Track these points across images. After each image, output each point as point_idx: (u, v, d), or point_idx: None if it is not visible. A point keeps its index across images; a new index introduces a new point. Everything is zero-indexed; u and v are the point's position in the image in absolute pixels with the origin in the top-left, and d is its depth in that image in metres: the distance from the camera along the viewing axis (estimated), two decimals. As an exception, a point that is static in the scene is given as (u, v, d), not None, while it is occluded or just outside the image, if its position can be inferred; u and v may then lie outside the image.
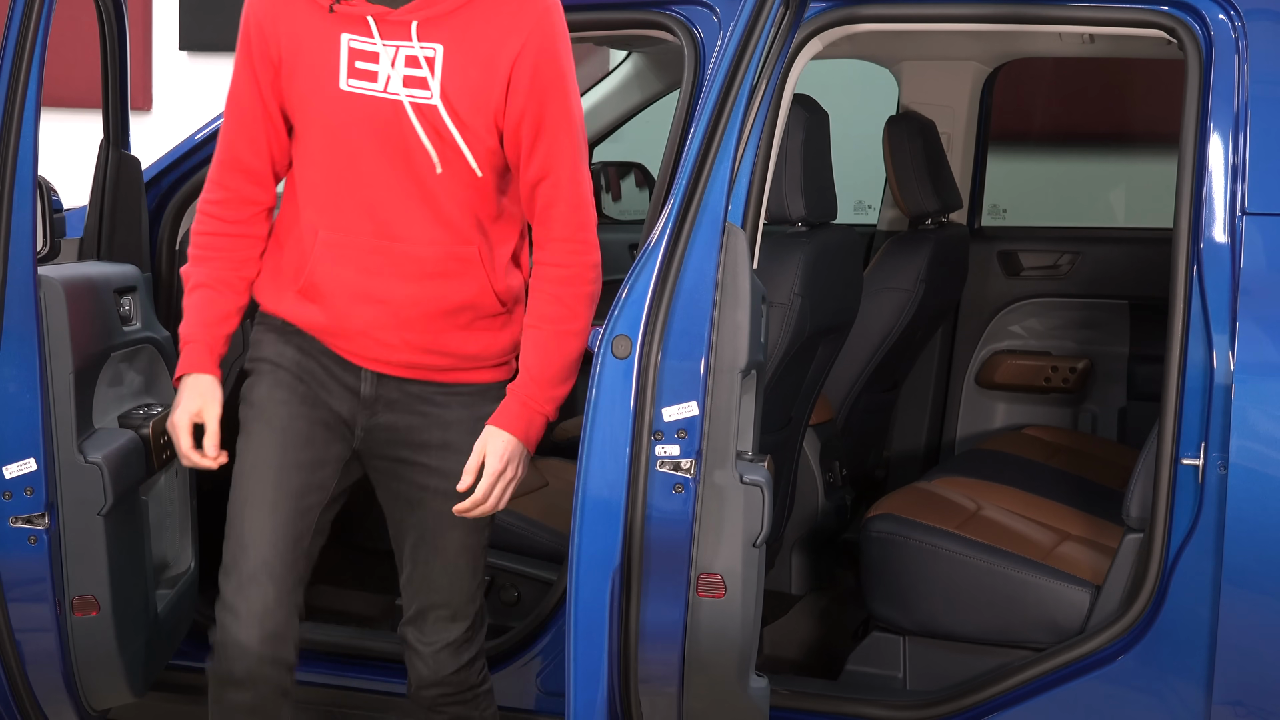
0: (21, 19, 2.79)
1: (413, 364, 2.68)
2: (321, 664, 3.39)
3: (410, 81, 2.56)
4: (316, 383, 2.71)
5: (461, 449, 2.65)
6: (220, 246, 2.74)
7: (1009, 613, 3.12)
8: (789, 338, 3.34)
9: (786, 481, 3.61)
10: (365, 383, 2.70)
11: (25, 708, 2.94)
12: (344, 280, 2.64)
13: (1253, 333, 2.75)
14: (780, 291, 3.31)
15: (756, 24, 2.62)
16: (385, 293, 2.63)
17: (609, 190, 5.32)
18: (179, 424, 2.68)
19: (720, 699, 2.70)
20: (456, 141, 2.57)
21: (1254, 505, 2.73)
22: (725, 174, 2.59)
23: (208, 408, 2.68)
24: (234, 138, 2.71)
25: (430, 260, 2.62)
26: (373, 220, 2.61)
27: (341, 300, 2.65)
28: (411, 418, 2.71)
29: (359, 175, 2.60)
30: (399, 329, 2.65)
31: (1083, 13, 2.95)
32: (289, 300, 2.70)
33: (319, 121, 2.61)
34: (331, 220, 2.63)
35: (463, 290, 2.65)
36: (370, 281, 2.63)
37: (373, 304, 2.64)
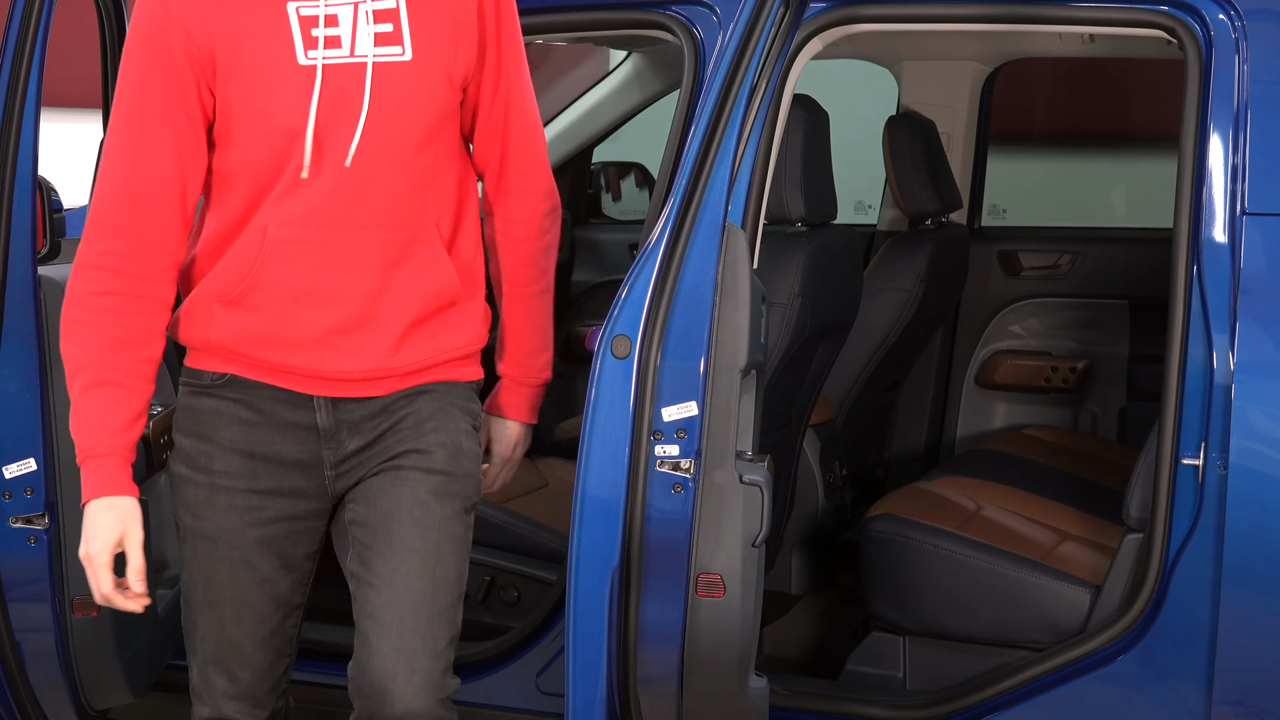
0: (21, 19, 2.80)
1: (372, 373, 2.36)
2: (321, 664, 3.39)
3: (381, 39, 2.28)
4: (264, 441, 2.37)
5: (440, 428, 2.41)
6: (120, 312, 2.28)
7: (1009, 613, 3.12)
8: (789, 338, 3.34)
9: (786, 481, 3.61)
10: (320, 412, 2.37)
11: (25, 707, 2.94)
12: (295, 281, 2.31)
13: (1253, 333, 2.75)
14: (780, 291, 3.31)
15: (756, 24, 2.62)
16: (342, 290, 2.32)
17: (609, 190, 5.32)
18: (98, 558, 2.26)
19: (720, 699, 2.70)
20: (427, 100, 2.32)
21: (1254, 505, 2.73)
22: (725, 174, 2.59)
23: (130, 535, 2.29)
24: (138, 171, 2.27)
25: (393, 245, 2.33)
26: (331, 207, 2.30)
27: (286, 305, 2.31)
28: (380, 428, 2.41)
29: (317, 157, 2.28)
30: (357, 331, 2.34)
31: (1083, 13, 2.95)
32: (219, 319, 2.33)
33: (274, 108, 2.26)
34: (284, 214, 2.29)
35: (426, 276, 2.36)
36: (326, 279, 2.31)
37: (328, 305, 2.32)
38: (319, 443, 2.38)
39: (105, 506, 2.27)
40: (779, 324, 3.31)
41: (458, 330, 2.43)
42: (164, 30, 2.26)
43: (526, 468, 3.92)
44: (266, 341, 2.33)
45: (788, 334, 3.33)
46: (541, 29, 3.23)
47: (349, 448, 2.40)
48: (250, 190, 2.31)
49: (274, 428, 2.37)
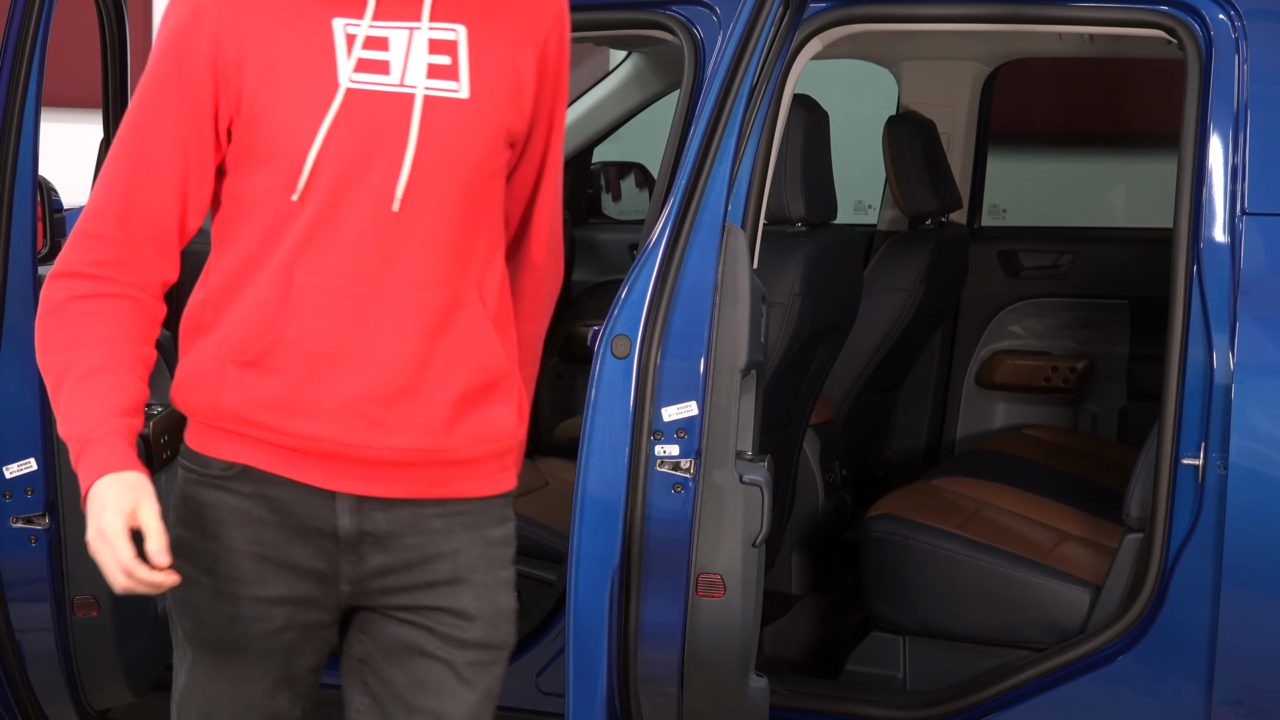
0: (21, 19, 2.80)
1: (410, 455, 2.03)
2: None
3: (436, 72, 2.01)
4: (278, 545, 2.04)
5: (478, 584, 2.10)
6: (114, 312, 2.00)
7: (1009, 612, 3.12)
8: (789, 337, 3.34)
9: (786, 481, 3.61)
10: (343, 514, 2.03)
11: (25, 707, 2.94)
12: (323, 339, 1.98)
13: (1253, 332, 2.75)
14: (780, 291, 3.31)
15: (756, 24, 2.62)
16: (378, 352, 1.99)
17: (609, 190, 5.32)
18: (111, 528, 1.89)
19: (720, 699, 2.70)
20: (482, 146, 2.04)
21: (1254, 505, 2.73)
22: (725, 174, 2.59)
23: (143, 506, 1.92)
24: (137, 184, 2.00)
25: (436, 307, 2.01)
26: (366, 254, 1.99)
27: (313, 366, 1.99)
28: (409, 552, 2.06)
29: (351, 195, 1.98)
30: (395, 403, 2.01)
31: (1083, 13, 2.95)
32: (232, 382, 2.01)
33: (307, 131, 1.97)
34: (313, 260, 1.98)
35: (469, 347, 2.05)
36: (359, 338, 1.99)
37: (360, 368, 1.99)
38: (338, 552, 2.04)
39: (113, 481, 1.91)
40: (779, 324, 3.31)
41: (499, 416, 2.09)
42: (191, 36, 1.99)
43: (527, 468, 3.92)
44: (287, 408, 2.00)
45: (787, 334, 3.33)
46: (541, 29, 3.23)
47: (371, 564, 2.05)
48: (268, 225, 2.00)
49: (290, 530, 2.03)
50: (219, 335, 2.02)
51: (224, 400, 2.02)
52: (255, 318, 1.99)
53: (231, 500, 2.04)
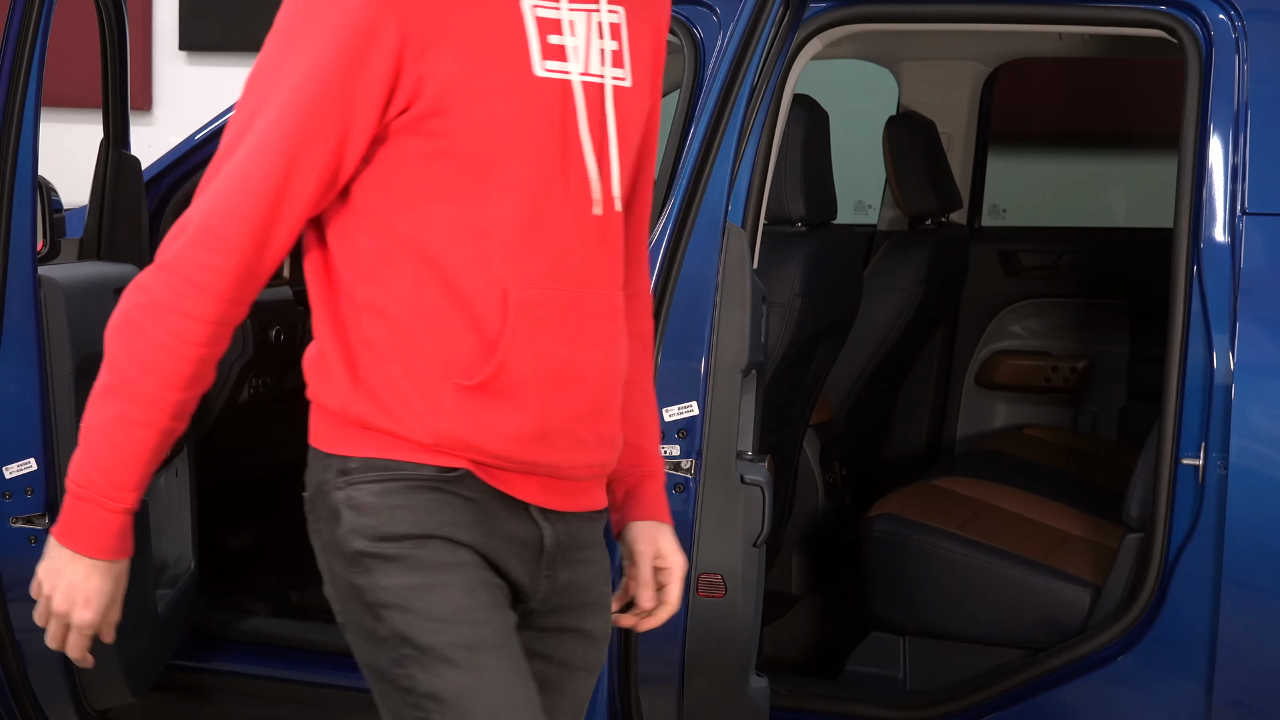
0: (21, 19, 2.80)
1: (596, 469, 1.90)
2: (321, 665, 3.39)
3: (609, 58, 1.85)
4: (498, 554, 1.84)
5: (606, 605, 1.96)
6: (203, 343, 1.80)
7: (1009, 612, 3.12)
8: (789, 338, 3.34)
9: (786, 481, 3.61)
10: (545, 529, 1.86)
11: (25, 707, 2.94)
12: (544, 356, 1.81)
13: (1253, 332, 2.75)
14: (780, 291, 3.31)
15: (757, 24, 2.62)
16: (586, 365, 1.85)
17: (609, 190, 5.31)
18: (85, 628, 1.86)
19: (720, 699, 2.70)
20: (642, 135, 1.93)
21: (1254, 505, 2.73)
22: (725, 174, 2.59)
23: (115, 607, 1.85)
24: (287, 192, 1.75)
25: (615, 310, 1.88)
26: (570, 260, 1.82)
27: (544, 387, 1.81)
28: (582, 569, 1.92)
29: (553, 197, 1.81)
30: (596, 417, 1.87)
31: (1083, 12, 2.95)
32: (453, 407, 1.78)
33: (505, 123, 1.77)
34: (522, 271, 1.79)
35: (623, 350, 1.92)
36: (571, 352, 1.83)
37: (578, 385, 1.84)
38: (538, 567, 1.86)
39: (104, 571, 1.82)
40: (779, 324, 3.31)
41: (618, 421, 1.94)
42: (377, 25, 1.72)
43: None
44: (525, 436, 1.81)
45: (788, 334, 3.33)
46: (541, 29, 3.23)
47: (558, 580, 1.88)
48: (464, 231, 1.78)
49: (505, 541, 1.84)
50: (423, 355, 1.79)
51: (445, 426, 1.78)
52: (474, 337, 1.78)
53: (456, 501, 1.81)
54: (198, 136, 3.42)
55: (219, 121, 3.38)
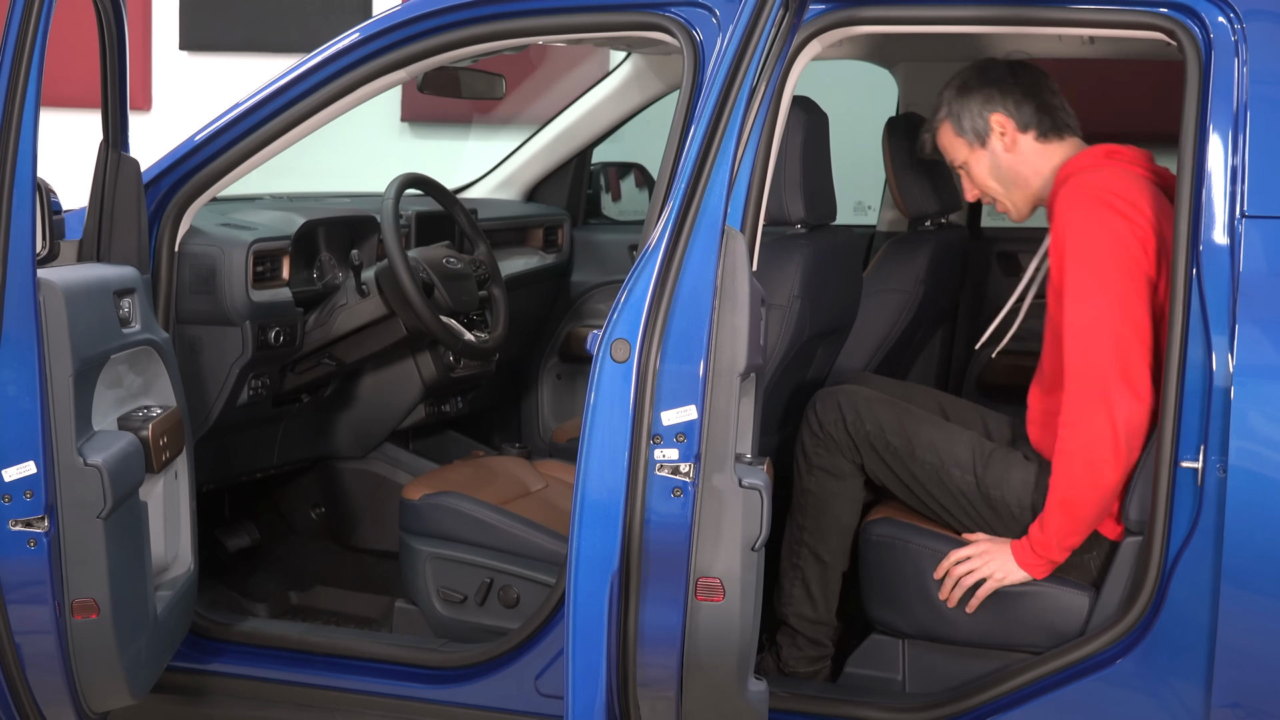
0: (21, 19, 2.79)
1: None
2: (320, 667, 3.39)
3: None
4: None
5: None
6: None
7: (1008, 616, 3.12)
8: (788, 340, 3.33)
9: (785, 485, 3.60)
10: None
11: (25, 710, 2.94)
12: None
13: (1252, 335, 2.75)
14: (779, 293, 3.31)
15: (756, 26, 2.62)
16: None
17: (609, 191, 5.32)
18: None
19: (719, 702, 2.70)
20: None
21: (1253, 508, 2.73)
22: (724, 176, 2.59)
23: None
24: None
25: None
26: None
27: None
28: None
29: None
30: None
31: (1082, 15, 2.95)
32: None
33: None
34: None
35: None
36: None
37: None
38: None
39: None
40: (778, 326, 3.31)
41: None
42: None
43: (526, 469, 3.92)
44: None
45: (787, 336, 3.33)
46: (540, 30, 3.23)
47: None
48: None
49: None
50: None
51: None
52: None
53: None
54: (197, 137, 3.42)
55: (219, 122, 3.38)
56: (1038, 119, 3.23)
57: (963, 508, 3.20)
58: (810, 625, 3.35)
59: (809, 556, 3.34)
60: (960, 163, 3.31)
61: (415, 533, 3.60)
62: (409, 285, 3.71)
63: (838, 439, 3.30)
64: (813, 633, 3.36)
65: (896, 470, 3.26)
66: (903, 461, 3.25)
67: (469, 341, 3.90)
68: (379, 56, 3.31)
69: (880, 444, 3.26)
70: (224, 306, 3.50)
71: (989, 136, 3.24)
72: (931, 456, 3.23)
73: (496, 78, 4.29)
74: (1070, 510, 2.97)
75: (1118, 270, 2.95)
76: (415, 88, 3.97)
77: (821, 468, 3.32)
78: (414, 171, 3.98)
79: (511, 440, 4.83)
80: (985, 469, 3.18)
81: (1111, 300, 2.94)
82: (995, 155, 3.24)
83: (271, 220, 3.76)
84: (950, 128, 3.29)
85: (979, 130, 3.25)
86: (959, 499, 3.20)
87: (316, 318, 3.83)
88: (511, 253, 4.60)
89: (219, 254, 3.50)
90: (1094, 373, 2.92)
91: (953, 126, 3.28)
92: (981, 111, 3.24)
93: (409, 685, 3.34)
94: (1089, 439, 2.92)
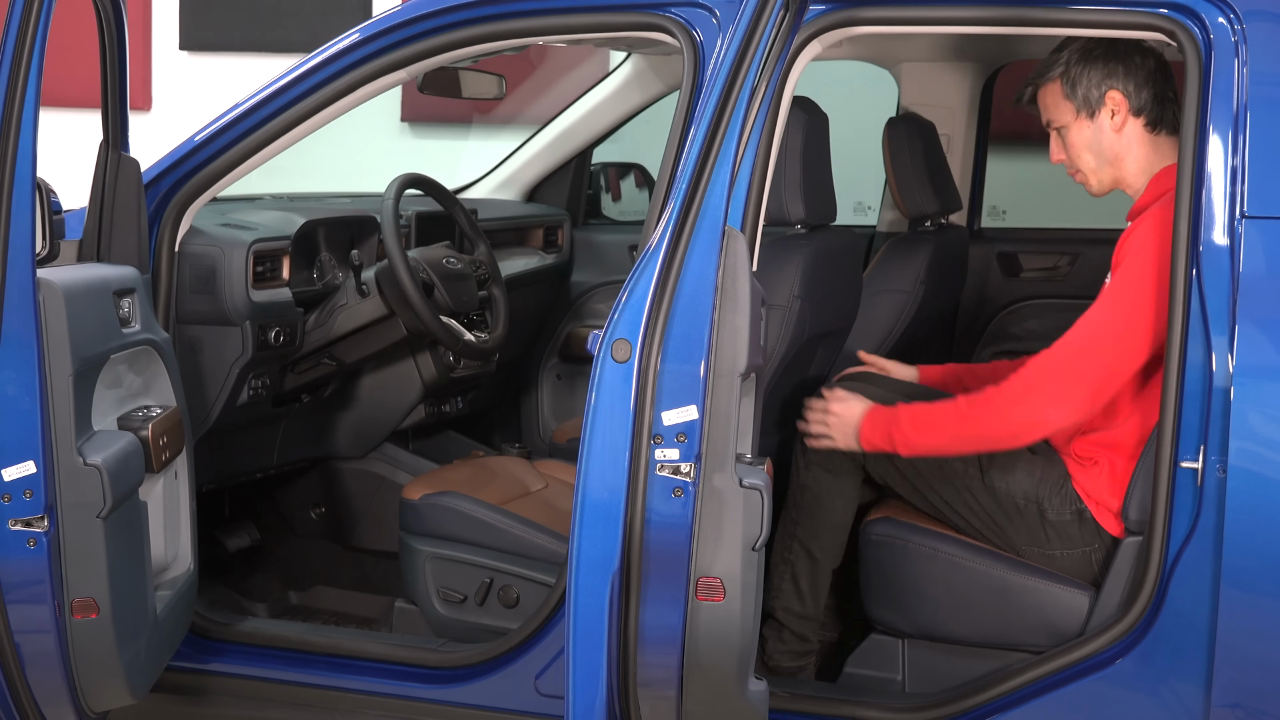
0: (21, 19, 2.79)
1: None
2: (321, 666, 3.39)
3: None
4: None
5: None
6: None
7: (1008, 616, 3.12)
8: (788, 340, 3.33)
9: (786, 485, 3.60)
10: None
11: (25, 709, 2.94)
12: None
13: (1252, 335, 2.75)
14: (780, 294, 3.31)
15: (757, 27, 2.62)
16: None
17: (609, 191, 5.32)
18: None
19: (719, 702, 2.70)
20: None
21: (1253, 508, 2.73)
22: (725, 177, 2.59)
23: None
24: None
25: None
26: None
27: None
28: None
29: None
30: None
31: (1082, 15, 2.95)
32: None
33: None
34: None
35: None
36: None
37: None
38: None
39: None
40: (779, 326, 3.31)
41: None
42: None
43: (526, 469, 3.92)
44: None
45: (787, 336, 3.33)
46: (541, 31, 3.23)
47: None
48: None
49: None
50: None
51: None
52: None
53: None
54: (197, 137, 3.42)
55: (219, 122, 3.38)
56: (1152, 107, 3.14)
57: (966, 501, 3.20)
58: (797, 620, 3.35)
59: (800, 551, 3.34)
60: (1060, 125, 3.20)
61: (415, 533, 3.60)
62: (409, 285, 3.71)
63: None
64: (799, 628, 3.36)
65: (899, 465, 3.26)
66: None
67: (469, 342, 3.90)
68: (379, 57, 3.31)
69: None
70: (224, 306, 3.50)
71: (1100, 110, 3.15)
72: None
73: (496, 78, 4.29)
74: (946, 438, 3.10)
75: (1156, 306, 2.95)
76: (415, 88, 3.97)
77: (819, 464, 3.32)
78: (414, 171, 3.98)
79: (511, 440, 4.83)
80: (990, 462, 3.19)
81: (1129, 326, 2.96)
82: (1100, 130, 3.15)
83: (271, 220, 3.76)
84: (1060, 88, 3.18)
85: (1091, 101, 3.15)
86: (962, 492, 3.20)
87: (316, 318, 3.83)
88: (511, 253, 4.60)
89: (219, 254, 3.50)
90: (1071, 372, 2.97)
91: (1064, 88, 3.17)
92: (1101, 83, 3.14)
93: (409, 685, 3.34)
94: (1016, 414, 3.02)
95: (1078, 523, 3.11)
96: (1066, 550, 3.12)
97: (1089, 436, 3.13)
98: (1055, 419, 3.01)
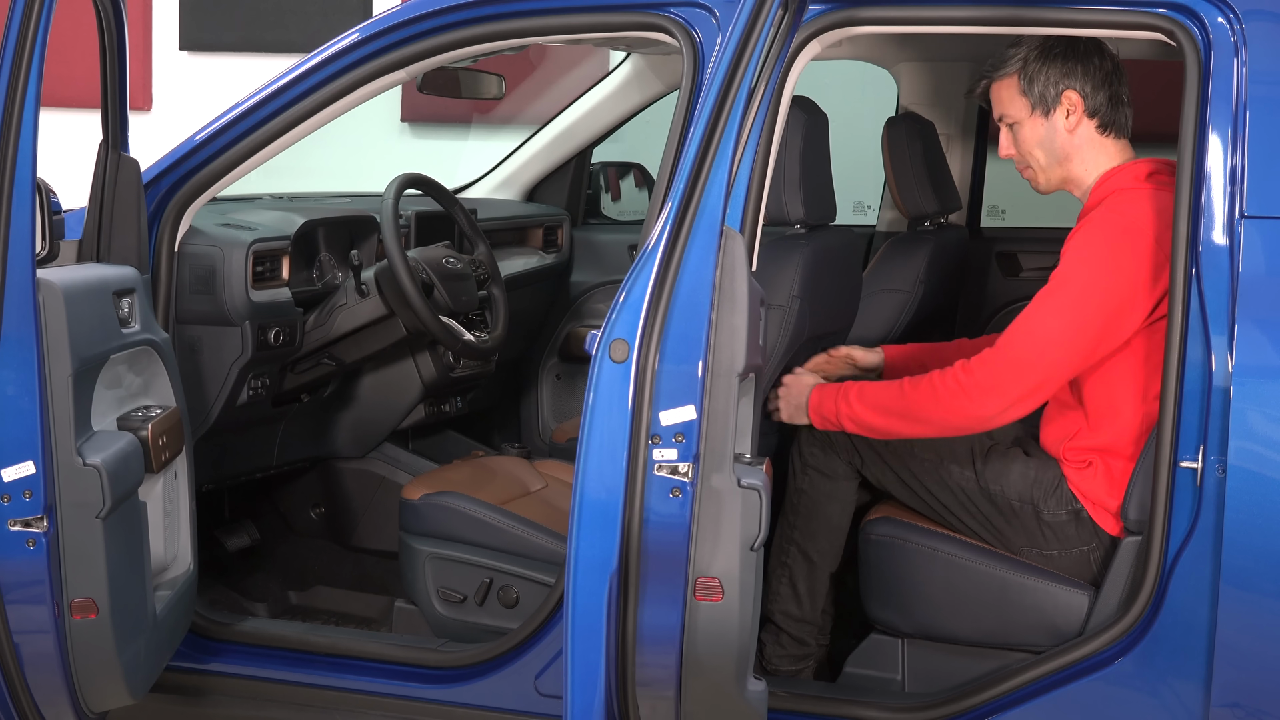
0: (21, 19, 2.79)
1: None
2: (320, 666, 3.39)
3: None
4: None
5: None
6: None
7: (1007, 615, 3.12)
8: (788, 340, 3.33)
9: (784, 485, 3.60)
10: None
11: (24, 709, 2.94)
12: None
13: (1251, 335, 2.75)
14: (779, 293, 3.31)
15: (755, 26, 2.61)
16: None
17: (608, 190, 5.32)
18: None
19: (718, 702, 2.70)
20: None
21: (1252, 508, 2.73)
22: (723, 177, 2.59)
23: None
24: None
25: None
26: None
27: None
28: None
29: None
30: None
31: (1082, 15, 2.95)
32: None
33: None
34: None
35: None
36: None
37: None
38: None
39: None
40: (778, 326, 3.31)
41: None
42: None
43: (525, 469, 3.92)
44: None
45: (786, 336, 3.33)
46: (540, 30, 3.23)
47: None
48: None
49: None
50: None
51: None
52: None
53: None
54: (197, 137, 3.42)
55: (219, 122, 3.38)
56: (1106, 110, 3.16)
57: (962, 504, 3.21)
58: (795, 624, 3.35)
59: (798, 555, 3.34)
60: (1012, 121, 3.21)
61: (415, 533, 3.60)
62: (409, 285, 3.71)
63: (835, 439, 3.30)
64: (797, 631, 3.36)
65: (896, 469, 3.27)
66: (902, 460, 3.25)
67: (468, 341, 3.90)
68: (379, 56, 3.31)
69: (879, 442, 3.26)
70: (224, 306, 3.51)
71: (1055, 109, 3.16)
72: (930, 454, 3.23)
73: (496, 78, 4.29)
74: (889, 417, 3.11)
75: (1100, 304, 2.98)
76: (415, 88, 3.96)
77: (816, 468, 3.32)
78: (414, 171, 3.98)
79: (511, 440, 4.83)
80: (984, 465, 3.19)
81: (1069, 322, 2.98)
82: (1054, 129, 3.16)
83: (271, 220, 3.76)
84: (1017, 84, 3.18)
85: (1047, 99, 3.15)
86: (958, 495, 3.20)
87: (316, 318, 3.83)
88: (511, 253, 4.60)
89: (219, 254, 3.50)
90: (1008, 372, 3.00)
91: (1020, 84, 3.17)
92: (1059, 82, 3.15)
93: (409, 685, 3.34)
94: (955, 406, 3.03)
95: (1074, 523, 3.11)
96: (1064, 550, 3.12)
97: (1077, 441, 3.13)
98: (990, 417, 3.03)
